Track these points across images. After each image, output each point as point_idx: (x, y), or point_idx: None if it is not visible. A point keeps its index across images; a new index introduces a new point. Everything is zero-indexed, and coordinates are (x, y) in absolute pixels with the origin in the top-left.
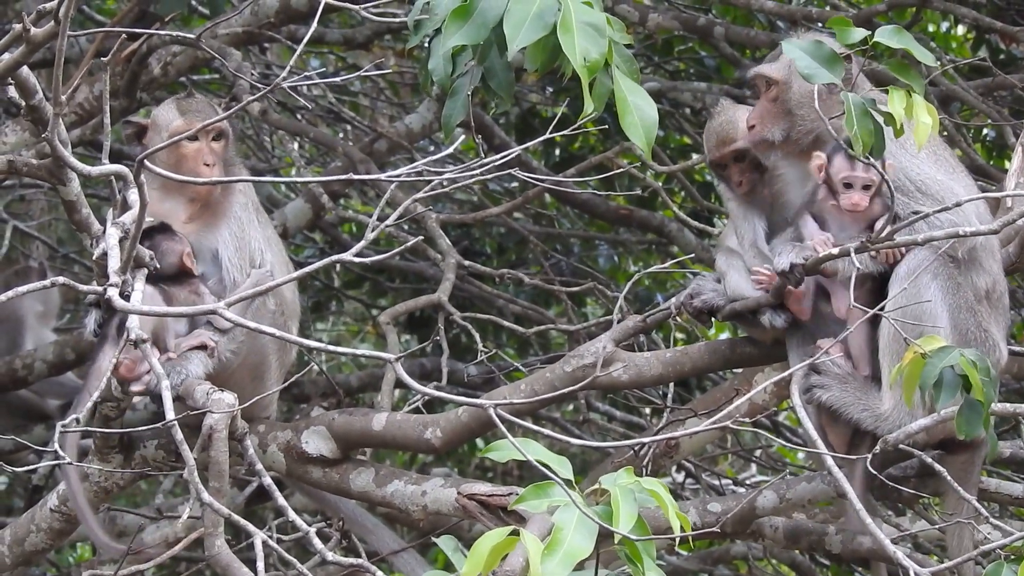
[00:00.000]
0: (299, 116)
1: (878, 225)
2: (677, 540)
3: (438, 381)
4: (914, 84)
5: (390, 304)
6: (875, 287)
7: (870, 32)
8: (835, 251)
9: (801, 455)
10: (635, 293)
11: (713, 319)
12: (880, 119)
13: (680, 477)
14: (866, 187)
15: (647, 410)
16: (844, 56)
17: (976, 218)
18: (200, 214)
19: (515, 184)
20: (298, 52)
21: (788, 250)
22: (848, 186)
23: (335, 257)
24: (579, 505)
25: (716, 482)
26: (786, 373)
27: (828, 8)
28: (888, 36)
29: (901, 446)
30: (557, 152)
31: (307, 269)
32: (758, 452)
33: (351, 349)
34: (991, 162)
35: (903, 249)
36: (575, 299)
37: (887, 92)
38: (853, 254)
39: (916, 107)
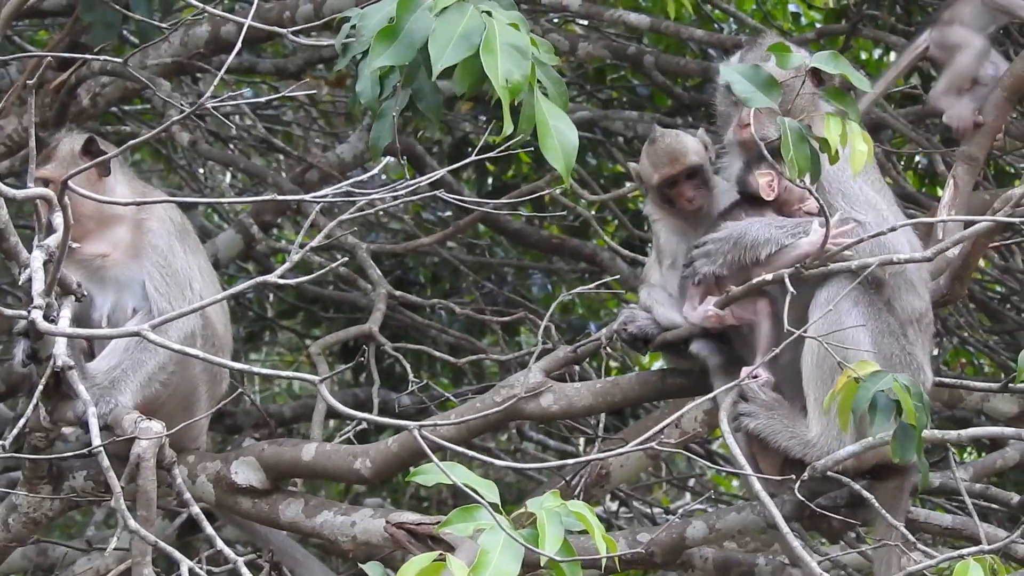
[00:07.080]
0: (231, 147)
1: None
2: (603, 564)
3: (370, 412)
4: (850, 110)
5: (324, 334)
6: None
7: (808, 57)
8: (768, 277)
9: (736, 483)
10: (568, 322)
11: (647, 346)
12: (816, 145)
13: (614, 506)
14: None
15: (581, 440)
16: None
17: (907, 244)
18: (120, 246)
19: (449, 213)
20: (220, 74)
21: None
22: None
23: (259, 279)
24: (504, 527)
25: (649, 511)
26: (708, 395)
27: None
28: (825, 61)
29: (830, 473)
30: (490, 181)
31: (233, 290)
32: (691, 481)
33: (277, 372)
34: (922, 190)
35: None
36: (508, 329)
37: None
38: (787, 280)
39: (852, 134)
